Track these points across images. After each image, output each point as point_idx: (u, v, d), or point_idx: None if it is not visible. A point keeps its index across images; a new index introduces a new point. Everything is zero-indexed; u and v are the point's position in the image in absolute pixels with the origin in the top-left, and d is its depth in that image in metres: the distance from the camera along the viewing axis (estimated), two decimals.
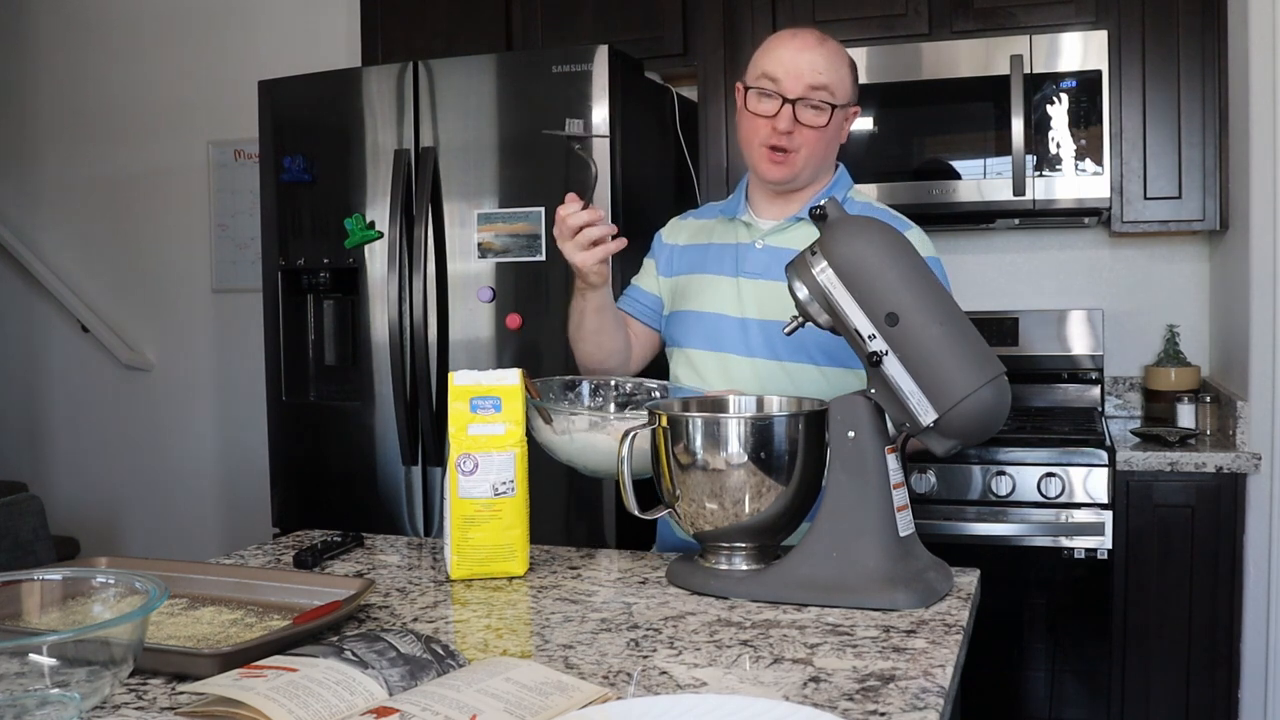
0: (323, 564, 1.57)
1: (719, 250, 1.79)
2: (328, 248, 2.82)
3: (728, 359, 1.73)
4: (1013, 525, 2.57)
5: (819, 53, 1.66)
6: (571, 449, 1.55)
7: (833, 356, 1.68)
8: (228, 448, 3.90)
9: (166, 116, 3.90)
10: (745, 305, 1.73)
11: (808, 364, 1.70)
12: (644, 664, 1.12)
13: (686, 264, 1.82)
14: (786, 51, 1.66)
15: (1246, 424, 2.56)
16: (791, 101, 1.64)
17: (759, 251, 1.74)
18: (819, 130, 1.66)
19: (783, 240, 1.73)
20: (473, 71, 2.68)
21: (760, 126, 1.67)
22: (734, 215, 1.79)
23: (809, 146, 1.67)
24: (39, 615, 1.06)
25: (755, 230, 1.76)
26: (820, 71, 1.64)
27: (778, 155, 1.67)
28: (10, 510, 2.14)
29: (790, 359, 1.69)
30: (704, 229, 1.84)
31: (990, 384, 1.27)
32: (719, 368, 1.73)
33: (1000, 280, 3.23)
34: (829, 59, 1.66)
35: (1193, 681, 2.54)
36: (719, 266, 1.77)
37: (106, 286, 4.03)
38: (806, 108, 1.65)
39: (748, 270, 1.74)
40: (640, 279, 1.90)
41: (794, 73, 1.64)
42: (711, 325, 1.75)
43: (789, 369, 1.69)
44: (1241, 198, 2.62)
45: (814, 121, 1.65)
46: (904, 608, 1.28)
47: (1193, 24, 2.73)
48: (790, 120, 1.64)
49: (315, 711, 0.93)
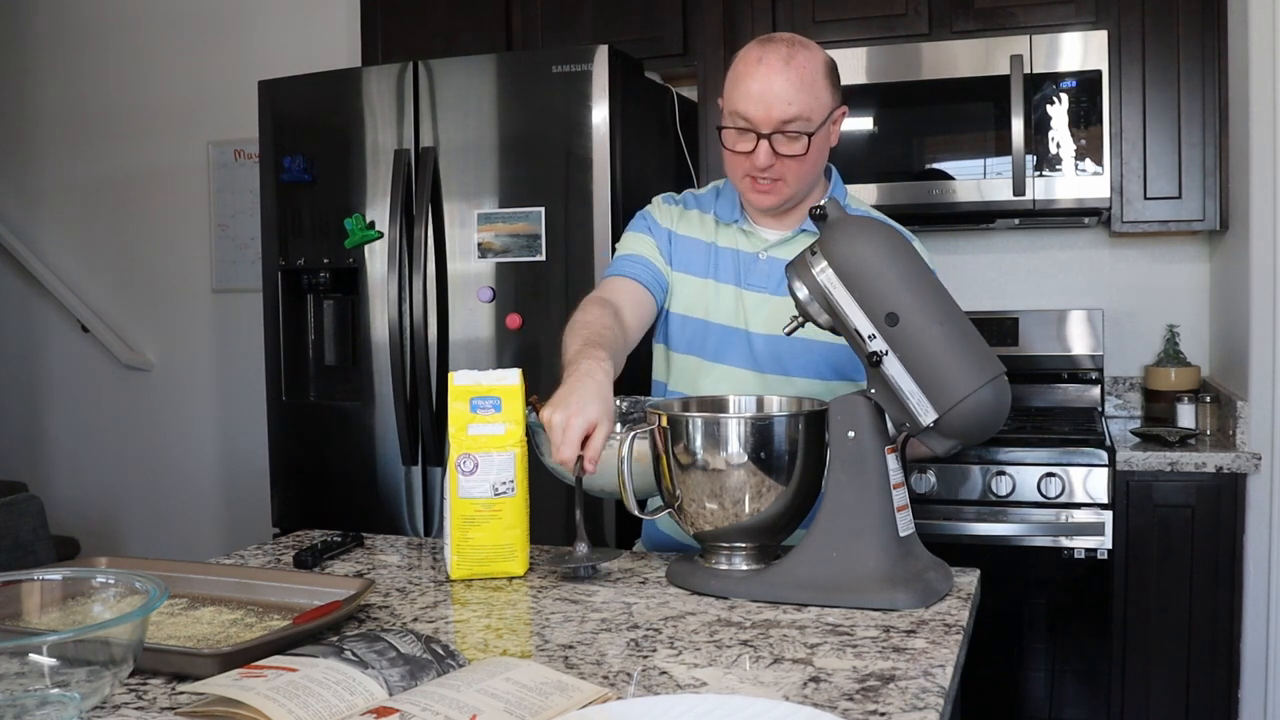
0: (323, 564, 1.57)
1: (720, 254, 1.75)
2: (328, 248, 2.82)
3: (730, 371, 1.71)
4: (1013, 525, 2.57)
5: (786, 78, 1.59)
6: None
7: (840, 370, 1.67)
8: (228, 448, 3.90)
9: (166, 116, 3.90)
10: (749, 318, 1.70)
11: (815, 380, 1.67)
12: (644, 664, 1.12)
13: (685, 261, 1.76)
14: (754, 84, 1.60)
15: (1246, 424, 2.56)
16: (766, 136, 1.61)
17: (762, 263, 1.71)
18: (799, 158, 1.64)
19: (788, 252, 1.67)
20: (473, 71, 2.68)
21: (742, 161, 1.65)
22: (730, 221, 1.75)
23: (793, 172, 1.65)
24: (39, 615, 1.06)
25: (757, 240, 1.73)
26: (790, 102, 1.59)
27: (764, 184, 1.65)
28: (10, 510, 2.14)
29: (798, 375, 1.68)
30: (707, 226, 1.77)
31: (990, 384, 1.27)
32: (719, 379, 1.71)
33: (1000, 280, 3.23)
34: (799, 83, 1.60)
35: (1193, 681, 2.54)
36: (721, 272, 1.73)
37: (106, 286, 4.03)
38: (782, 139, 1.61)
39: (751, 283, 1.71)
40: (641, 248, 1.77)
41: (763, 108, 1.59)
42: (718, 337, 1.72)
43: (796, 384, 1.67)
44: (1241, 198, 2.62)
45: (792, 151, 1.62)
46: (904, 608, 1.28)
47: (1193, 24, 2.73)
48: (769, 155, 1.61)
49: (315, 711, 0.93)
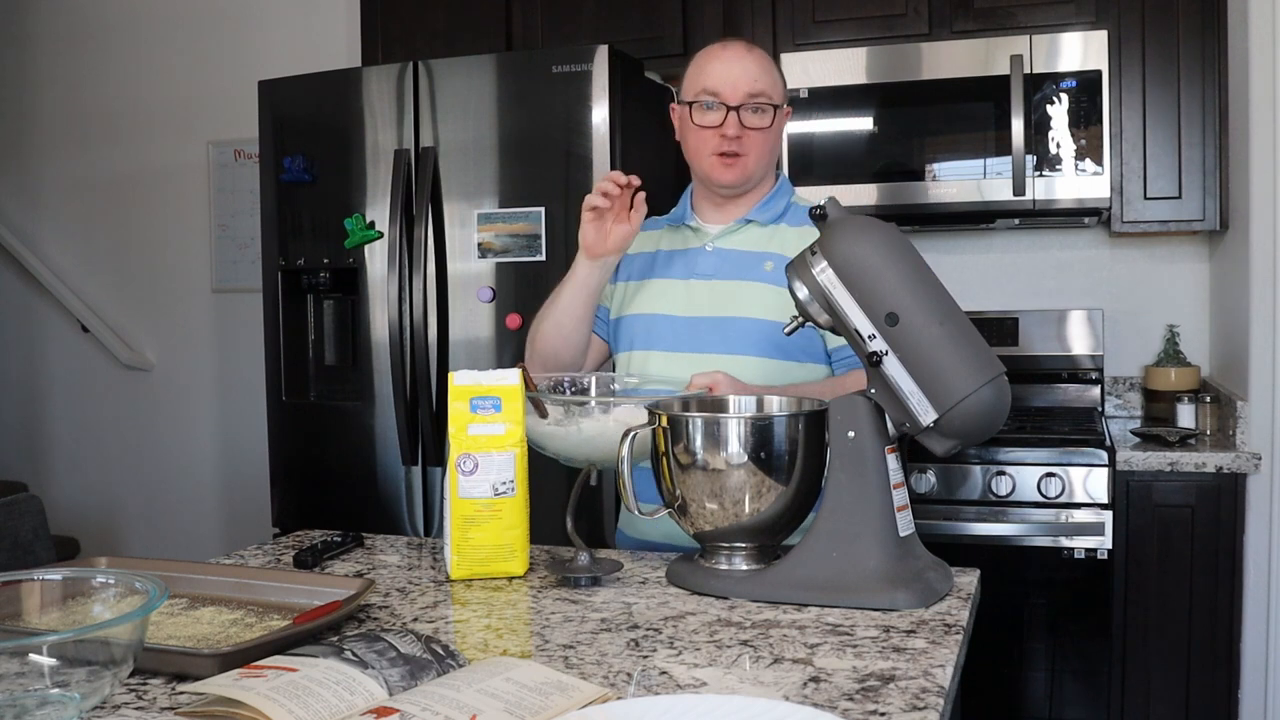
0: (323, 564, 1.57)
1: (668, 256, 1.85)
2: (328, 248, 2.82)
3: (678, 358, 1.76)
4: (1013, 525, 2.57)
5: (750, 60, 1.76)
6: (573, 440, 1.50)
7: (785, 350, 1.73)
8: (228, 448, 3.90)
9: (166, 116, 3.90)
10: (697, 305, 1.78)
11: (760, 358, 1.73)
12: (644, 664, 1.12)
13: (636, 271, 1.88)
14: (721, 65, 1.76)
15: (1246, 424, 2.56)
16: (735, 108, 1.73)
17: (709, 254, 1.81)
18: (764, 131, 1.76)
19: (731, 243, 1.81)
20: (473, 71, 2.68)
21: (708, 137, 1.76)
22: (681, 223, 1.86)
23: (757, 148, 1.76)
24: (39, 615, 1.06)
25: (703, 235, 1.84)
26: (756, 79, 1.74)
27: (729, 159, 1.76)
28: (10, 510, 2.14)
29: (744, 353, 1.73)
30: (651, 238, 1.90)
31: (990, 384, 1.28)
32: (669, 367, 1.76)
33: (1000, 280, 3.23)
34: (761, 65, 1.76)
35: (1193, 681, 2.54)
36: (668, 271, 1.83)
37: (106, 286, 4.03)
38: (749, 112, 1.74)
39: (699, 272, 1.80)
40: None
41: (732, 83, 1.74)
42: (664, 326, 1.80)
43: (742, 362, 1.72)
44: (1241, 198, 2.62)
45: (759, 123, 1.75)
46: (904, 608, 1.28)
47: (1193, 24, 2.73)
48: (737, 126, 1.74)
49: (315, 711, 0.93)
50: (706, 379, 1.57)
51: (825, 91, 2.85)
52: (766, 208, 1.81)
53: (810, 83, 2.86)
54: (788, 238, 1.77)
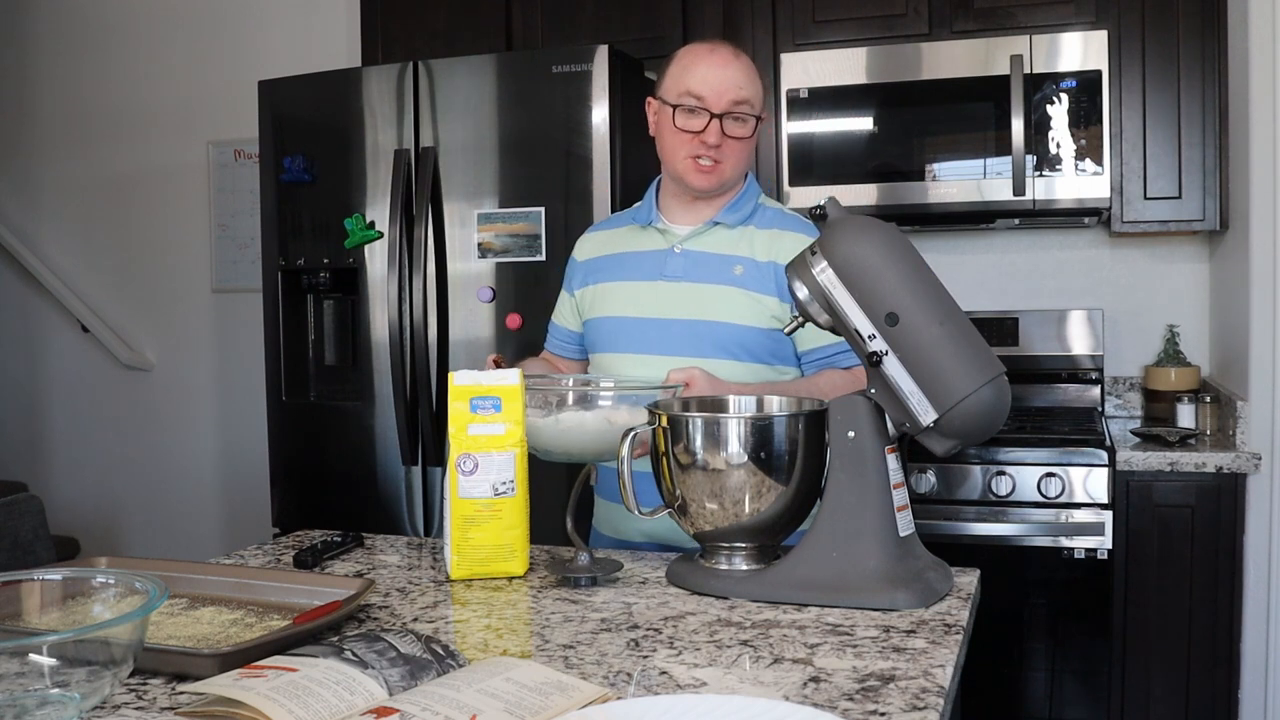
0: (323, 564, 1.57)
1: (635, 258, 1.84)
2: (328, 248, 2.82)
3: (649, 360, 1.76)
4: (1013, 525, 2.57)
5: (737, 68, 1.75)
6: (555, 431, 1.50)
7: (754, 354, 1.74)
8: (228, 448, 3.90)
9: (166, 116, 3.90)
10: (667, 307, 1.78)
11: (730, 361, 1.73)
12: (644, 664, 1.12)
13: (600, 273, 1.87)
14: (708, 69, 1.74)
15: (1246, 424, 2.56)
16: (718, 116, 1.73)
17: (678, 256, 1.80)
18: (744, 140, 1.77)
19: (700, 245, 1.80)
20: (473, 71, 2.68)
21: (687, 141, 1.76)
22: (647, 223, 1.85)
23: (735, 155, 1.77)
24: (39, 615, 1.06)
25: (671, 236, 1.83)
26: (741, 86, 1.74)
27: (706, 165, 1.75)
28: (10, 510, 2.14)
29: (714, 356, 1.73)
30: (614, 238, 1.90)
31: (990, 384, 1.28)
32: (641, 370, 1.76)
33: (1000, 280, 3.23)
34: (746, 73, 1.76)
35: (1193, 681, 2.54)
36: (636, 273, 1.83)
37: (106, 286, 4.03)
38: (732, 120, 1.74)
39: (668, 274, 1.80)
40: (559, 315, 1.98)
41: (718, 90, 1.73)
42: (633, 329, 1.80)
43: (712, 365, 1.71)
44: (1241, 198, 2.62)
45: (740, 133, 1.76)
46: (904, 608, 1.28)
47: (1193, 24, 2.73)
48: (719, 134, 1.74)
49: (315, 711, 0.93)
50: (683, 374, 1.57)
51: (825, 91, 2.85)
52: (735, 210, 1.80)
53: (810, 83, 2.86)
54: (756, 240, 1.77)
